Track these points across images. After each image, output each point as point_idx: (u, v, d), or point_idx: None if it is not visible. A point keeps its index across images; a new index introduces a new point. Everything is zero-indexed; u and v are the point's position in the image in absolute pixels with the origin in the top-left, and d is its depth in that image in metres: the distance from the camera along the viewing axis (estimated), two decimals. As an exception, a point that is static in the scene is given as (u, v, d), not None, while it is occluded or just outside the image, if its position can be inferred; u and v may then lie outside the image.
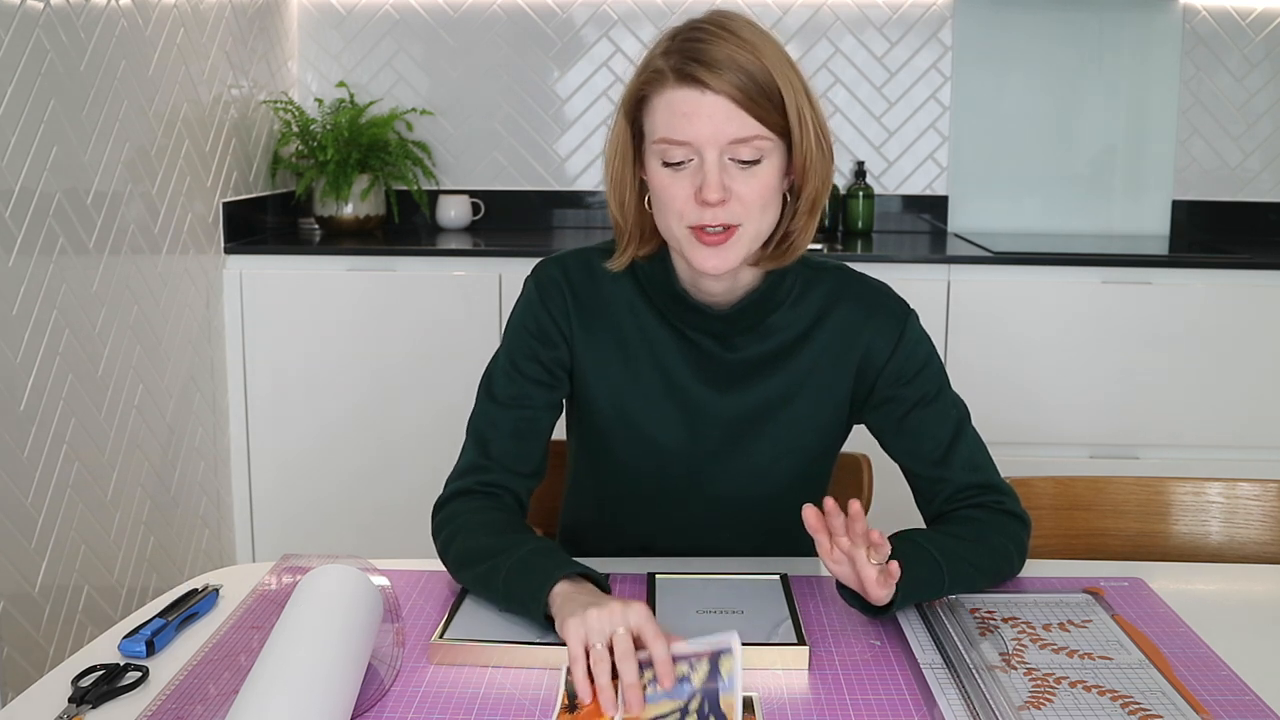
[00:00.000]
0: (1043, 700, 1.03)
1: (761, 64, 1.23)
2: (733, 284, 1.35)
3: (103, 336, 2.35)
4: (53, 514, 2.18)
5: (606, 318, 1.39)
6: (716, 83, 1.22)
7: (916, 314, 1.40)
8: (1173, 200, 3.45)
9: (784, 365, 1.38)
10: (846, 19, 3.39)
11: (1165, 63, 3.38)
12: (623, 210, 1.35)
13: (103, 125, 2.34)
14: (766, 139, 1.24)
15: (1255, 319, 2.87)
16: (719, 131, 1.23)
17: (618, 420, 1.40)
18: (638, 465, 1.42)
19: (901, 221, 3.46)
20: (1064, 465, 2.88)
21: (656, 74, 1.26)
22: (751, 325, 1.37)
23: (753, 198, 1.25)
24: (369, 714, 1.01)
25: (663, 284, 1.37)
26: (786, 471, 1.41)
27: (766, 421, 1.39)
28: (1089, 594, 1.27)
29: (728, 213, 1.25)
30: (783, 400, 1.38)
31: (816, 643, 1.15)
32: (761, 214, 1.27)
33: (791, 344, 1.38)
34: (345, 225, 3.24)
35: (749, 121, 1.23)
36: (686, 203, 1.26)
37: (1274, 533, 1.56)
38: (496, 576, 1.19)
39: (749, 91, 1.22)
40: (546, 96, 3.44)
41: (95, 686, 1.05)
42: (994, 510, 1.34)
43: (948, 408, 1.38)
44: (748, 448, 1.40)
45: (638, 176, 1.33)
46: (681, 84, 1.23)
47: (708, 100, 1.22)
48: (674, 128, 1.24)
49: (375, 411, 2.95)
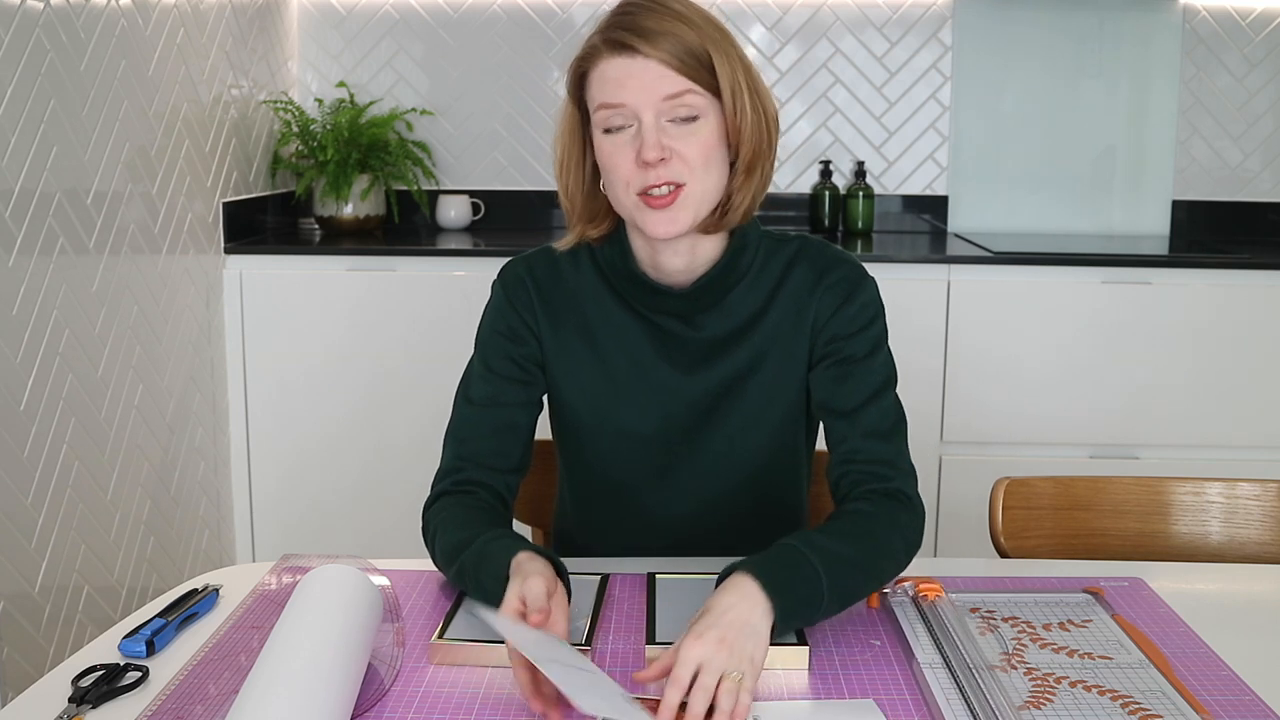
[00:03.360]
0: (1043, 700, 1.04)
1: (690, 30, 1.27)
2: (691, 259, 1.36)
3: (103, 336, 2.35)
4: (53, 514, 2.18)
5: (572, 310, 1.41)
6: (646, 47, 1.26)
7: (875, 283, 1.40)
8: (1173, 200, 3.44)
9: (747, 339, 1.38)
10: (846, 19, 3.39)
11: (1165, 63, 3.38)
12: (568, 192, 1.38)
13: (103, 125, 2.34)
14: (699, 94, 1.27)
15: (1255, 319, 2.87)
16: (651, 89, 1.26)
17: (590, 412, 1.41)
18: (613, 455, 1.42)
19: (901, 221, 3.46)
20: (1064, 465, 2.87)
21: (591, 49, 1.30)
22: (713, 302, 1.38)
23: (693, 154, 1.28)
24: (369, 714, 1.01)
25: (621, 267, 1.39)
26: (757, 447, 1.40)
27: (733, 396, 1.39)
28: (1089, 594, 1.27)
29: (670, 170, 1.27)
30: (749, 372, 1.39)
31: (816, 643, 1.15)
32: (705, 173, 1.29)
33: (753, 317, 1.38)
34: (345, 225, 3.24)
35: (680, 79, 1.26)
36: (630, 169, 1.28)
37: (1274, 533, 1.56)
38: (465, 571, 1.22)
39: (678, 54, 1.26)
40: (546, 96, 3.44)
41: (95, 686, 1.05)
42: (882, 497, 1.29)
43: (874, 370, 1.36)
44: (717, 425, 1.40)
45: (588, 159, 1.36)
46: (614, 53, 1.27)
47: (638, 64, 1.26)
48: (609, 94, 1.27)
49: (375, 411, 2.95)
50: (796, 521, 1.49)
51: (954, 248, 3.08)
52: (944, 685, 1.06)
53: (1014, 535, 1.54)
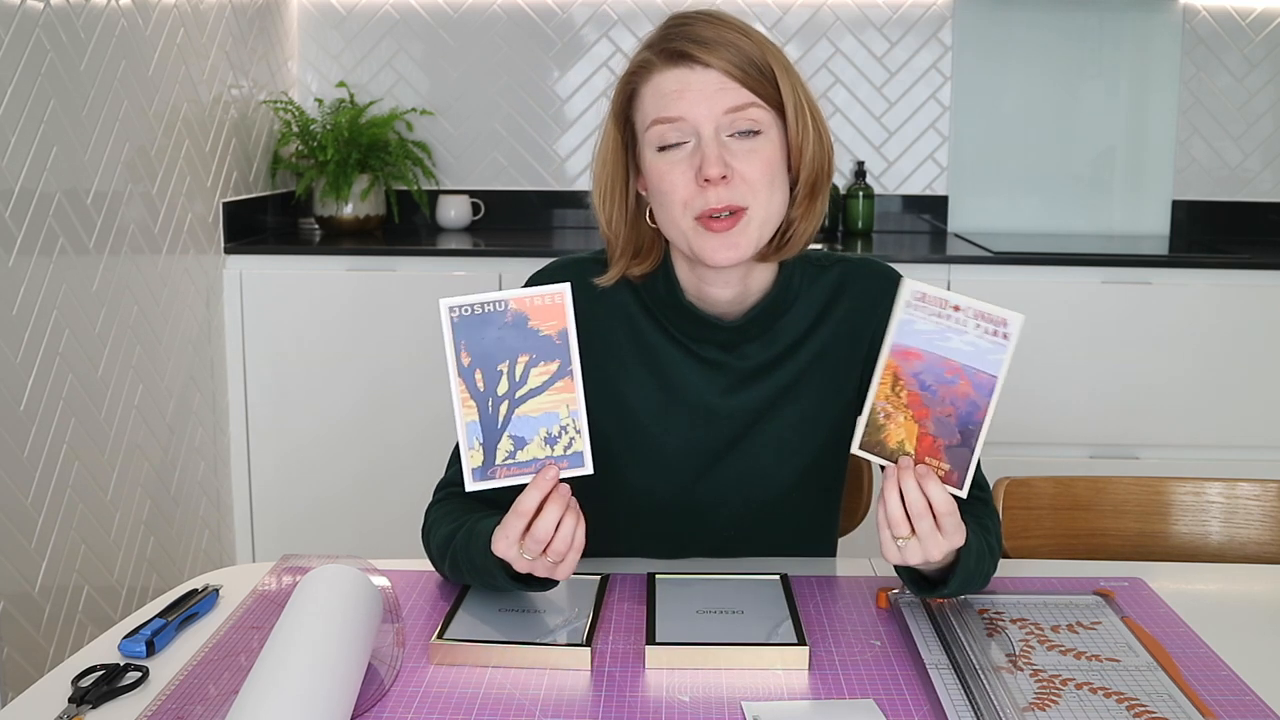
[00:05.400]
0: (1048, 702, 1.03)
1: (752, 42, 1.21)
2: (743, 290, 1.31)
3: (103, 336, 2.35)
4: (53, 514, 2.18)
5: (599, 332, 1.34)
6: (707, 57, 1.19)
7: None
8: (1173, 200, 3.45)
9: (789, 362, 1.34)
10: (846, 19, 3.39)
11: (1165, 63, 3.38)
12: (611, 226, 1.30)
13: (103, 125, 2.34)
14: (762, 108, 1.21)
15: (1255, 319, 2.87)
16: (713, 103, 1.19)
17: (619, 437, 1.35)
18: (644, 475, 1.37)
19: (901, 221, 3.46)
20: (1064, 465, 2.88)
21: (643, 64, 1.23)
22: (760, 333, 1.33)
23: (757, 175, 1.21)
24: (369, 714, 1.01)
25: (665, 296, 1.33)
26: (791, 468, 1.37)
27: (769, 418, 1.35)
28: (1099, 595, 1.26)
29: (733, 192, 1.20)
30: (787, 394, 1.34)
31: (816, 643, 1.15)
32: (769, 194, 1.22)
33: (795, 343, 1.35)
34: (345, 225, 3.24)
35: (743, 91, 1.20)
36: (689, 188, 1.21)
37: (1274, 533, 1.56)
38: (458, 554, 1.21)
39: (740, 64, 1.19)
40: (546, 96, 3.44)
41: (95, 686, 1.05)
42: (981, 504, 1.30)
43: None
44: (751, 446, 1.35)
45: (630, 190, 1.29)
46: (670, 65, 1.21)
47: (697, 74, 1.20)
48: (666, 107, 1.20)
49: (375, 411, 2.95)
50: (827, 541, 1.47)
51: (954, 248, 3.09)
52: (949, 686, 1.06)
53: (1014, 535, 1.54)
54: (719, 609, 1.20)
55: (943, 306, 1.08)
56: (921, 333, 1.08)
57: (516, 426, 1.10)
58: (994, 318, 1.07)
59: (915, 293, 1.08)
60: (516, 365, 1.09)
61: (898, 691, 1.06)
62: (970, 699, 1.03)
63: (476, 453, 1.10)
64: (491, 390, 1.09)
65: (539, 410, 1.09)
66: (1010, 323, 1.07)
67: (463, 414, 1.10)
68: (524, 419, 1.10)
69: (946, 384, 1.09)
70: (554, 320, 1.08)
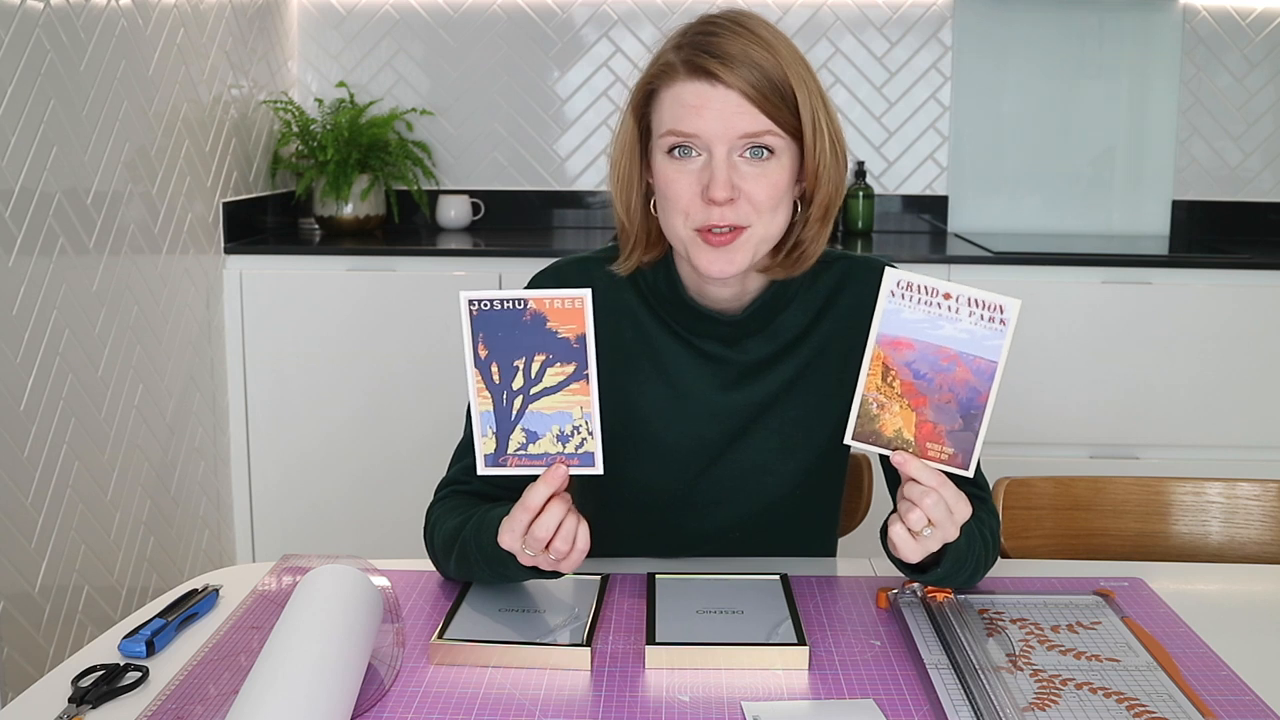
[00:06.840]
0: (1047, 702, 1.03)
1: (776, 61, 1.20)
2: (741, 289, 1.33)
3: (103, 336, 2.35)
4: (53, 514, 2.18)
5: (602, 326, 1.33)
6: (728, 76, 1.18)
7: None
8: (1173, 200, 3.45)
9: (790, 357, 1.35)
10: (846, 19, 3.39)
11: (1165, 63, 3.38)
12: (629, 212, 1.31)
13: (102, 125, 2.34)
14: (778, 136, 1.21)
15: (1255, 319, 2.87)
16: (729, 125, 1.19)
17: (620, 431, 1.35)
18: (644, 470, 1.38)
19: (901, 221, 3.46)
20: (1064, 465, 2.88)
21: (667, 67, 1.23)
22: (760, 328, 1.35)
23: (763, 197, 1.22)
24: (369, 714, 1.01)
25: (667, 291, 1.34)
26: (793, 464, 1.37)
27: (771, 413, 1.36)
28: (1099, 595, 1.26)
29: (736, 213, 1.21)
30: (788, 389, 1.35)
31: (816, 643, 1.15)
32: (772, 216, 1.23)
33: (796, 338, 1.36)
34: (345, 225, 3.24)
35: (760, 118, 1.19)
36: (692, 201, 1.22)
37: (1274, 533, 1.56)
38: (467, 547, 1.21)
39: (762, 88, 1.19)
40: (546, 96, 3.44)
41: (95, 687, 1.05)
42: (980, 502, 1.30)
43: None
44: (752, 441, 1.36)
45: (645, 178, 1.30)
46: (692, 77, 1.20)
47: (718, 94, 1.19)
48: (682, 120, 1.21)
49: (375, 412, 2.95)
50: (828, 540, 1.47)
51: (954, 248, 3.09)
52: (949, 685, 1.06)
53: (1014, 535, 1.54)
54: (719, 609, 1.20)
55: (932, 295, 1.08)
56: (910, 322, 1.08)
57: (530, 421, 1.11)
58: (989, 304, 1.07)
59: (898, 282, 1.08)
60: (533, 363, 1.10)
61: (898, 691, 1.06)
62: (970, 699, 1.03)
63: (490, 440, 1.12)
64: (507, 384, 1.11)
65: (553, 409, 1.11)
66: (1007, 308, 1.07)
67: (478, 403, 1.11)
68: (537, 415, 1.11)
69: (943, 371, 1.09)
70: (573, 324, 1.09)
